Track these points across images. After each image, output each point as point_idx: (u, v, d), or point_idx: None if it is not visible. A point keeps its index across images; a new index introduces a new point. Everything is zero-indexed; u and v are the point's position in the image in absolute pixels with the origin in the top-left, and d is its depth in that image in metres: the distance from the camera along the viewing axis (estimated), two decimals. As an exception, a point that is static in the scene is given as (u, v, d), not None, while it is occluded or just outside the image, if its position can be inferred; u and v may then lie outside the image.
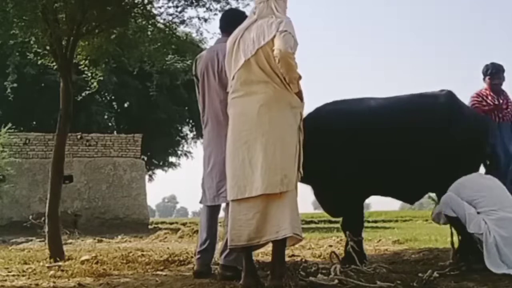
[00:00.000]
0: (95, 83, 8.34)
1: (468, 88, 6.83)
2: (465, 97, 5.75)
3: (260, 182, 3.75)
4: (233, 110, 4.05)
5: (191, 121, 24.50)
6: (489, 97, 5.89)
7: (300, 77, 3.92)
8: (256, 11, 4.05)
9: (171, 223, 24.19)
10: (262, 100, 3.86)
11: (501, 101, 5.89)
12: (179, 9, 7.41)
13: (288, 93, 3.90)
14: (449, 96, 5.32)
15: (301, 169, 3.91)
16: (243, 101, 3.96)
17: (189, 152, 26.37)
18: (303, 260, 5.56)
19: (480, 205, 4.75)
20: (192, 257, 5.80)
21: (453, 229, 5.12)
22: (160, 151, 25.13)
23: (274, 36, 3.80)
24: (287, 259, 5.06)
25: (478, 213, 4.72)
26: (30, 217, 12.67)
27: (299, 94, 3.99)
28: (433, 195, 6.25)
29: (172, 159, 27.02)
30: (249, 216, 3.81)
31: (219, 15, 6.08)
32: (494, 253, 4.52)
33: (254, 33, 3.94)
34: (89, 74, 8.15)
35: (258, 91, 3.89)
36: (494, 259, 4.50)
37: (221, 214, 4.74)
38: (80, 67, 7.87)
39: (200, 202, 4.74)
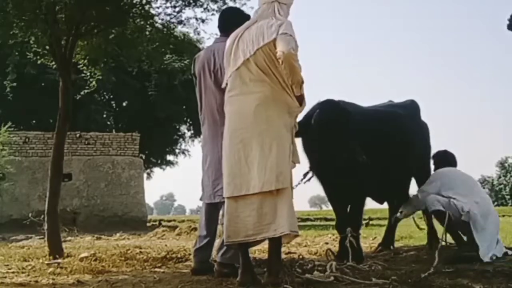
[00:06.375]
0: (93, 82, 8.36)
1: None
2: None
3: (257, 180, 3.81)
4: (229, 108, 4.09)
5: (188, 120, 24.56)
6: None
7: (303, 81, 3.96)
8: (258, 11, 4.10)
9: (169, 221, 24.18)
10: (259, 100, 3.90)
11: None
12: (177, 9, 7.46)
13: (286, 93, 3.95)
14: None
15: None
16: (240, 100, 4.00)
17: (187, 151, 26.52)
18: (300, 257, 5.61)
19: (461, 192, 5.37)
20: (189, 254, 5.84)
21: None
22: (158, 150, 25.17)
23: (275, 39, 3.84)
24: (283, 256, 5.12)
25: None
26: (30, 214, 12.79)
27: (301, 98, 4.03)
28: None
29: (170, 157, 27.08)
30: (245, 213, 3.86)
31: (217, 15, 6.10)
32: (481, 227, 5.15)
33: (253, 33, 3.98)
34: (88, 74, 8.17)
35: (255, 90, 3.93)
36: (482, 235, 5.12)
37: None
38: (79, 67, 7.89)
39: (200, 199, 4.79)
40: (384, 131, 5.47)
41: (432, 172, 6.04)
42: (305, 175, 5.18)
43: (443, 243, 5.45)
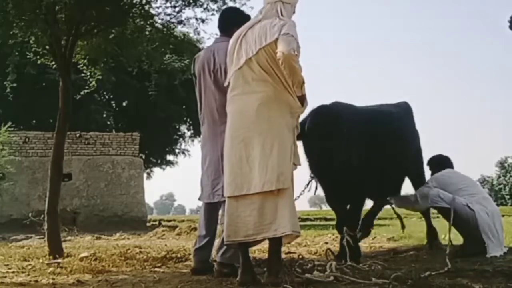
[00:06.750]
0: (93, 82, 8.36)
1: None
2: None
3: (258, 179, 3.81)
4: (231, 108, 4.09)
5: (188, 119, 24.61)
6: None
7: (303, 82, 3.96)
8: (262, 11, 4.09)
9: (169, 221, 24.20)
10: (261, 99, 3.90)
11: None
12: (177, 9, 7.45)
13: (288, 93, 3.95)
14: None
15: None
16: (242, 99, 4.00)
17: (187, 150, 26.57)
18: (300, 257, 5.61)
19: (463, 192, 5.46)
20: (189, 254, 5.84)
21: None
22: (158, 149, 25.19)
23: (277, 39, 3.83)
24: (283, 256, 5.11)
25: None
26: (30, 214, 12.78)
27: (302, 98, 4.03)
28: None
29: (169, 157, 27.12)
30: (246, 213, 3.86)
31: (217, 15, 6.12)
32: (490, 227, 5.25)
33: (256, 33, 3.97)
34: (88, 74, 8.17)
35: (258, 90, 3.93)
36: (493, 234, 5.24)
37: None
38: (79, 67, 7.90)
39: (199, 198, 4.79)
40: (380, 131, 5.46)
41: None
42: (307, 185, 5.21)
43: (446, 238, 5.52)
